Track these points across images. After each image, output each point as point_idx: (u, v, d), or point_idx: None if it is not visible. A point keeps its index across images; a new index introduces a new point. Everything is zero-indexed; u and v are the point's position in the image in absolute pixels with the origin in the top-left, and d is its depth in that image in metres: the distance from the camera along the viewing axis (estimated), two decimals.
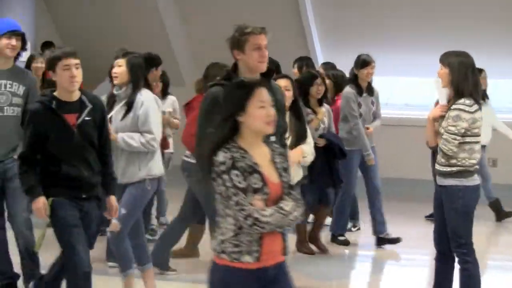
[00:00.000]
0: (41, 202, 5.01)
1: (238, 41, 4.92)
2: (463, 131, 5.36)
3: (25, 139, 5.09)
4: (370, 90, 8.32)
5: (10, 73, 6.05)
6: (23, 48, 6.08)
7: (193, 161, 6.61)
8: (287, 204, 3.73)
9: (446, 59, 5.48)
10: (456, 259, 5.58)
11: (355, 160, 8.17)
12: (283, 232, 3.83)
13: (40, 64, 8.27)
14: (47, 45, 11.95)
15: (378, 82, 9.68)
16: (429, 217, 9.25)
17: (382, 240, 8.23)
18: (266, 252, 3.72)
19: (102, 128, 5.19)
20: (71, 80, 4.97)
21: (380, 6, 11.73)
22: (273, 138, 4.60)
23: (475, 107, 5.39)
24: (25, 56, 10.30)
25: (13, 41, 6.00)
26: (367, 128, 8.23)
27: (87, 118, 5.06)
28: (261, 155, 3.78)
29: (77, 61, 5.02)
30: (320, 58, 11.90)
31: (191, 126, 6.45)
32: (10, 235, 6.24)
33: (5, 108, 5.99)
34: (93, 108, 5.08)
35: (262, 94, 3.75)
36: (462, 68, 5.40)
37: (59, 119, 5.00)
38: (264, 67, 4.96)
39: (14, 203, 6.13)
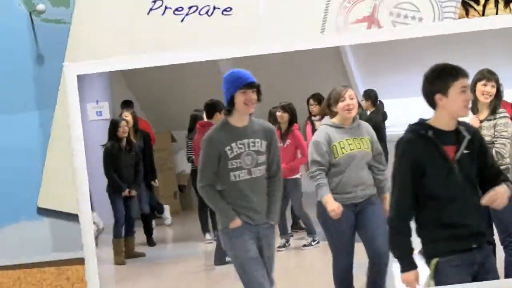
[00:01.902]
0: (413, 276, 4.06)
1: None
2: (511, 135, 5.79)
3: (401, 178, 4.07)
4: None
5: (250, 130, 5.35)
6: (259, 100, 5.25)
7: None
8: None
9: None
10: (504, 250, 5.71)
11: None
12: None
13: (125, 126, 7.56)
14: (126, 104, 12.72)
15: (410, 103, 10.22)
16: None
17: None
18: None
19: (483, 164, 4.15)
20: (465, 104, 4.08)
21: None
22: None
23: None
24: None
25: (250, 96, 5.20)
26: None
27: (465, 151, 4.07)
28: None
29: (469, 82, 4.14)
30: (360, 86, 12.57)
31: None
32: None
33: (252, 170, 5.35)
34: (472, 139, 4.10)
35: None
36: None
37: (438, 151, 4.04)
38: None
39: None
